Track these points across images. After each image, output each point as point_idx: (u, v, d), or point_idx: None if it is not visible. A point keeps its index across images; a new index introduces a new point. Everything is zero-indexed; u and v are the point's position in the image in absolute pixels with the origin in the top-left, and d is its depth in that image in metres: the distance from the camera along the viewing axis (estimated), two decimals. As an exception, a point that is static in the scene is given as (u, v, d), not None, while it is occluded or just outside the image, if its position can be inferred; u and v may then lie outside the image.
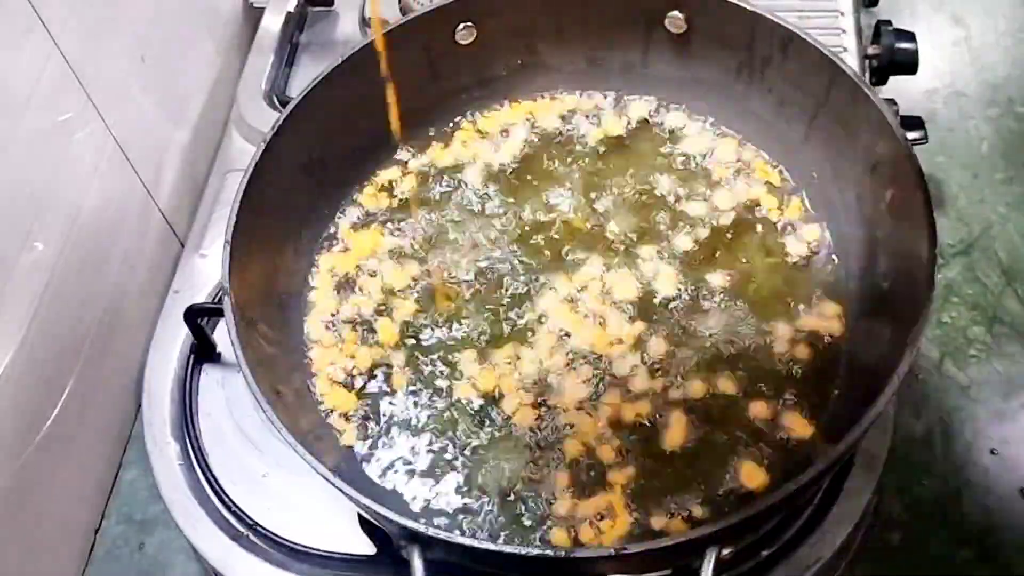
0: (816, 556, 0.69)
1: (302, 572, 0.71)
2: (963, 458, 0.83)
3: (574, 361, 0.74)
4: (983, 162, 1.03)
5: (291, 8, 1.05)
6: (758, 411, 0.71)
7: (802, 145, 0.81)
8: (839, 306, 0.75)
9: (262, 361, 0.68)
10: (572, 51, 0.87)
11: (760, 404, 0.71)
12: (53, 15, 0.75)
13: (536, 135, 0.86)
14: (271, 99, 0.98)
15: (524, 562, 0.59)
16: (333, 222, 0.82)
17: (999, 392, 0.86)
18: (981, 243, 0.96)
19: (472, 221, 0.82)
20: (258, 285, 0.73)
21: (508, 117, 0.87)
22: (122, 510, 0.84)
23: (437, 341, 0.76)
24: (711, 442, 0.70)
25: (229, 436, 0.77)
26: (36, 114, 0.74)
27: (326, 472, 0.59)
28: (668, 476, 0.69)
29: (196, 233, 0.90)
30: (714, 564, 0.57)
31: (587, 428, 0.70)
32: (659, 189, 0.82)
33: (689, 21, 0.82)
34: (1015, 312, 0.91)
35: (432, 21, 0.82)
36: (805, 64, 0.77)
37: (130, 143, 0.86)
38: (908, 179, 0.68)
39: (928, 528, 0.79)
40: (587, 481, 0.68)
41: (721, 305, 0.76)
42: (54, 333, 0.78)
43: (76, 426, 0.81)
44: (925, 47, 0.98)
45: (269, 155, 0.73)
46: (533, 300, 0.77)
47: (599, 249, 0.79)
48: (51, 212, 0.77)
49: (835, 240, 0.78)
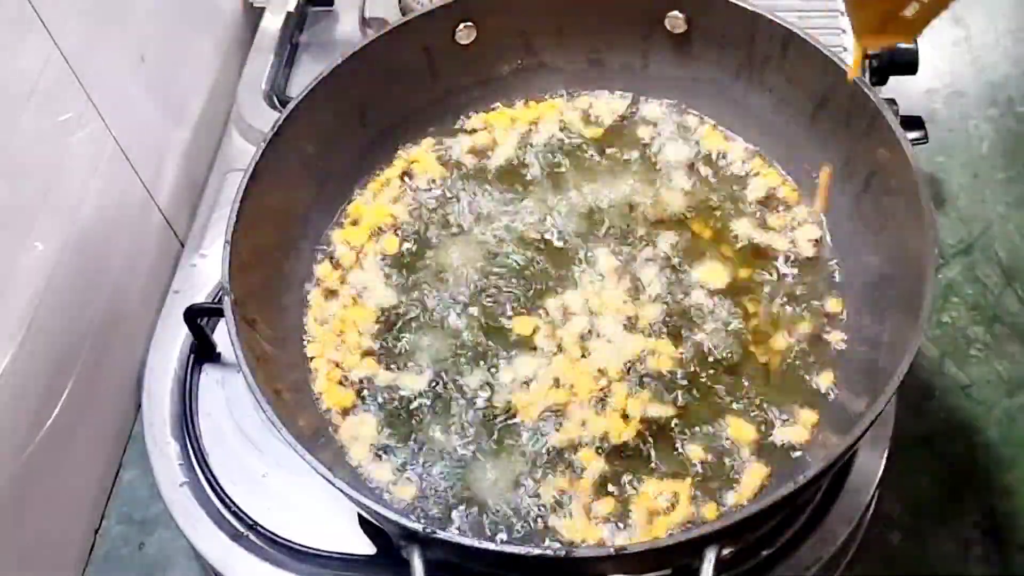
0: (816, 556, 0.69)
1: (302, 572, 0.71)
2: (963, 458, 0.83)
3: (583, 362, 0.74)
4: (983, 162, 1.03)
5: (291, 8, 1.05)
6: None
7: (802, 145, 0.81)
8: (839, 305, 0.75)
9: (262, 361, 0.68)
10: (572, 51, 0.87)
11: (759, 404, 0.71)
12: (53, 15, 0.75)
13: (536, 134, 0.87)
14: (271, 99, 0.98)
15: (524, 562, 0.59)
16: (333, 222, 0.82)
17: (999, 392, 0.87)
18: (981, 243, 0.96)
19: (473, 221, 0.82)
20: (258, 285, 0.73)
21: (508, 117, 0.88)
22: (122, 510, 0.84)
23: (437, 340, 0.76)
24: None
25: (229, 436, 0.77)
26: (36, 114, 0.74)
27: (326, 472, 0.59)
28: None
29: (196, 233, 0.90)
30: (714, 564, 0.57)
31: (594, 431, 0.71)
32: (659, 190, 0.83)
33: (689, 21, 0.82)
34: (1015, 312, 0.91)
35: (432, 21, 0.82)
36: (805, 64, 0.77)
37: (130, 143, 0.86)
38: (908, 179, 0.68)
39: (928, 528, 0.79)
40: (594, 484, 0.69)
41: (718, 306, 0.76)
42: (54, 333, 0.78)
43: (76, 426, 0.81)
44: (925, 47, 0.98)
45: (269, 155, 0.73)
46: (538, 301, 0.77)
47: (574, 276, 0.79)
48: (51, 212, 0.77)
49: (835, 240, 0.78)
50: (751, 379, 0.72)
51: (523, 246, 0.80)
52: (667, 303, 0.76)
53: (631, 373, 0.73)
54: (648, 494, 0.67)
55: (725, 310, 0.76)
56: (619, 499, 0.68)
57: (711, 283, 0.77)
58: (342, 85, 0.78)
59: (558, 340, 0.75)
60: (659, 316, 0.75)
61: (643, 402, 0.71)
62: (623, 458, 0.69)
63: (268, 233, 0.75)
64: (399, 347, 0.76)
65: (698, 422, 0.70)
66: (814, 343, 0.74)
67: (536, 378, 0.73)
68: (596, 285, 0.77)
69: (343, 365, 0.75)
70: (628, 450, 0.69)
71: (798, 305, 0.76)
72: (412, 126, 0.86)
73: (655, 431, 0.70)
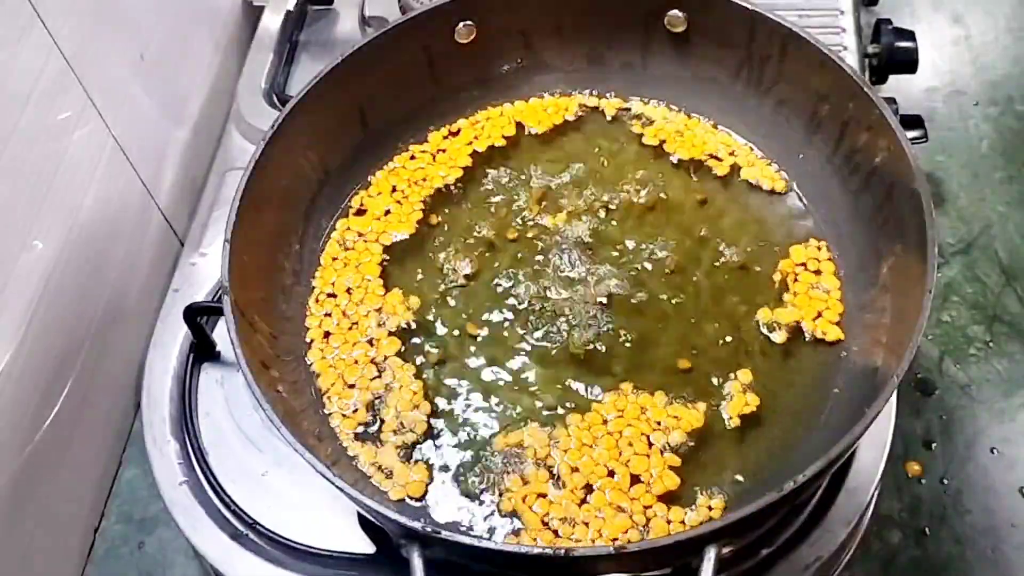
0: (816, 555, 0.69)
1: (302, 571, 0.71)
2: (963, 457, 0.83)
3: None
4: (983, 161, 1.03)
5: (291, 6, 1.05)
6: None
7: (801, 144, 0.81)
8: (839, 305, 0.75)
9: (262, 360, 0.68)
10: (572, 50, 0.87)
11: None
12: (53, 15, 0.75)
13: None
14: (271, 97, 0.98)
15: (524, 561, 0.59)
16: (334, 221, 0.82)
17: (999, 391, 0.86)
18: (981, 242, 0.96)
19: (472, 221, 0.82)
20: (258, 284, 0.73)
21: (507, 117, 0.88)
22: (122, 509, 0.84)
23: (436, 340, 0.76)
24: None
25: (229, 435, 0.77)
26: (35, 113, 0.74)
27: (326, 471, 0.59)
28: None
29: (196, 232, 0.90)
30: (714, 563, 0.57)
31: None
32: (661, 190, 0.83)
33: (689, 20, 0.82)
34: (1015, 311, 0.91)
35: (431, 20, 0.82)
36: (805, 63, 0.77)
37: (129, 142, 0.86)
38: (908, 178, 0.68)
39: (928, 528, 0.79)
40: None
41: (718, 304, 0.76)
42: (54, 332, 0.78)
43: (75, 425, 0.81)
44: (925, 46, 0.98)
45: (269, 153, 0.73)
46: (545, 292, 0.77)
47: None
48: (50, 211, 0.77)
49: (834, 239, 0.78)
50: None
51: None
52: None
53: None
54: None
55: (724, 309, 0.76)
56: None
57: (706, 283, 0.77)
58: (342, 84, 0.78)
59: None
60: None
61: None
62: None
63: (268, 232, 0.75)
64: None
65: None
66: (813, 342, 0.74)
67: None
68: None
69: (343, 364, 0.75)
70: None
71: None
72: (412, 125, 0.86)
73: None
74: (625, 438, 0.70)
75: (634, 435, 0.70)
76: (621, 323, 0.75)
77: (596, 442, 0.69)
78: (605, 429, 0.70)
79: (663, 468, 0.68)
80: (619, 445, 0.69)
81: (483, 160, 0.86)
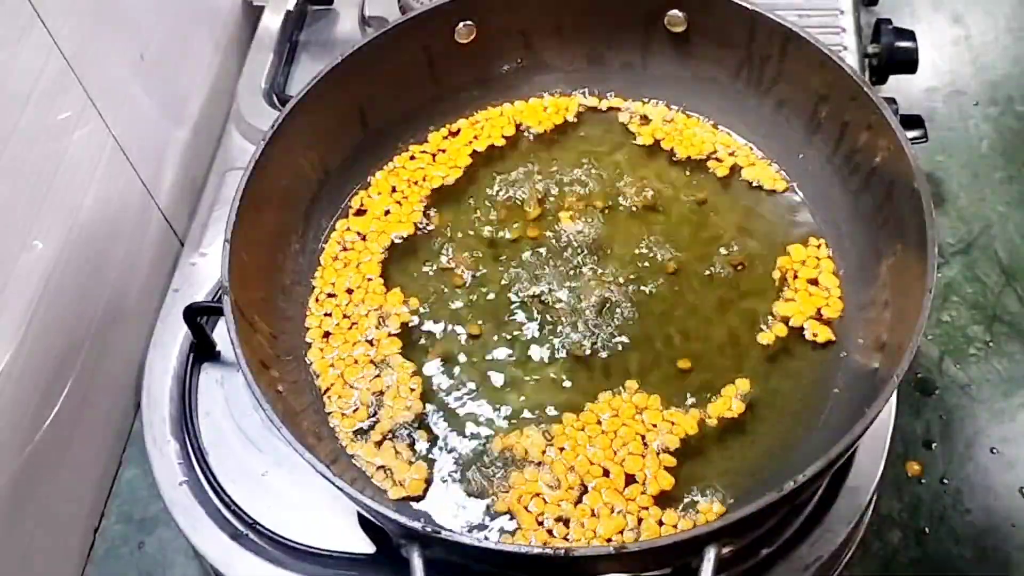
0: (816, 555, 0.69)
1: (302, 571, 0.71)
2: (963, 457, 0.83)
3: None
4: (983, 161, 1.03)
5: (291, 6, 1.05)
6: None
7: (801, 144, 0.81)
8: (838, 305, 0.75)
9: (262, 360, 0.68)
10: (572, 50, 0.87)
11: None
12: (53, 14, 0.75)
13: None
14: (271, 97, 0.98)
15: (524, 561, 0.59)
16: (334, 221, 0.82)
17: (999, 391, 0.86)
18: (981, 242, 0.96)
19: (472, 220, 0.82)
20: (258, 284, 0.73)
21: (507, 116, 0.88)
22: (122, 509, 0.84)
23: (435, 340, 0.76)
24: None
25: (229, 435, 0.77)
26: (35, 113, 0.74)
27: (326, 471, 0.59)
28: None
29: (196, 232, 0.90)
30: (714, 563, 0.57)
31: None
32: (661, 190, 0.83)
33: (689, 20, 0.82)
34: (1015, 311, 0.91)
35: (431, 20, 0.82)
36: (805, 63, 0.77)
37: (129, 142, 0.86)
38: (907, 178, 0.68)
39: (928, 528, 0.79)
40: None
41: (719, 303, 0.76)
42: (54, 332, 0.78)
43: (75, 425, 0.81)
44: (925, 46, 0.98)
45: (269, 153, 0.73)
46: (547, 296, 0.77)
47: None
48: (50, 211, 0.77)
49: (834, 239, 0.78)
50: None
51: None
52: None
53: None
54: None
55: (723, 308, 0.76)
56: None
57: (705, 282, 0.77)
58: (342, 84, 0.78)
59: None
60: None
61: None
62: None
63: (268, 232, 0.75)
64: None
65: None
66: (813, 342, 0.74)
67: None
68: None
69: (343, 364, 0.75)
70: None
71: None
72: (412, 125, 0.86)
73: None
74: (620, 438, 0.70)
75: (629, 435, 0.70)
76: (621, 323, 0.75)
77: (592, 442, 0.69)
78: (600, 429, 0.70)
79: (658, 468, 0.68)
80: (613, 445, 0.69)
81: (483, 160, 0.86)
